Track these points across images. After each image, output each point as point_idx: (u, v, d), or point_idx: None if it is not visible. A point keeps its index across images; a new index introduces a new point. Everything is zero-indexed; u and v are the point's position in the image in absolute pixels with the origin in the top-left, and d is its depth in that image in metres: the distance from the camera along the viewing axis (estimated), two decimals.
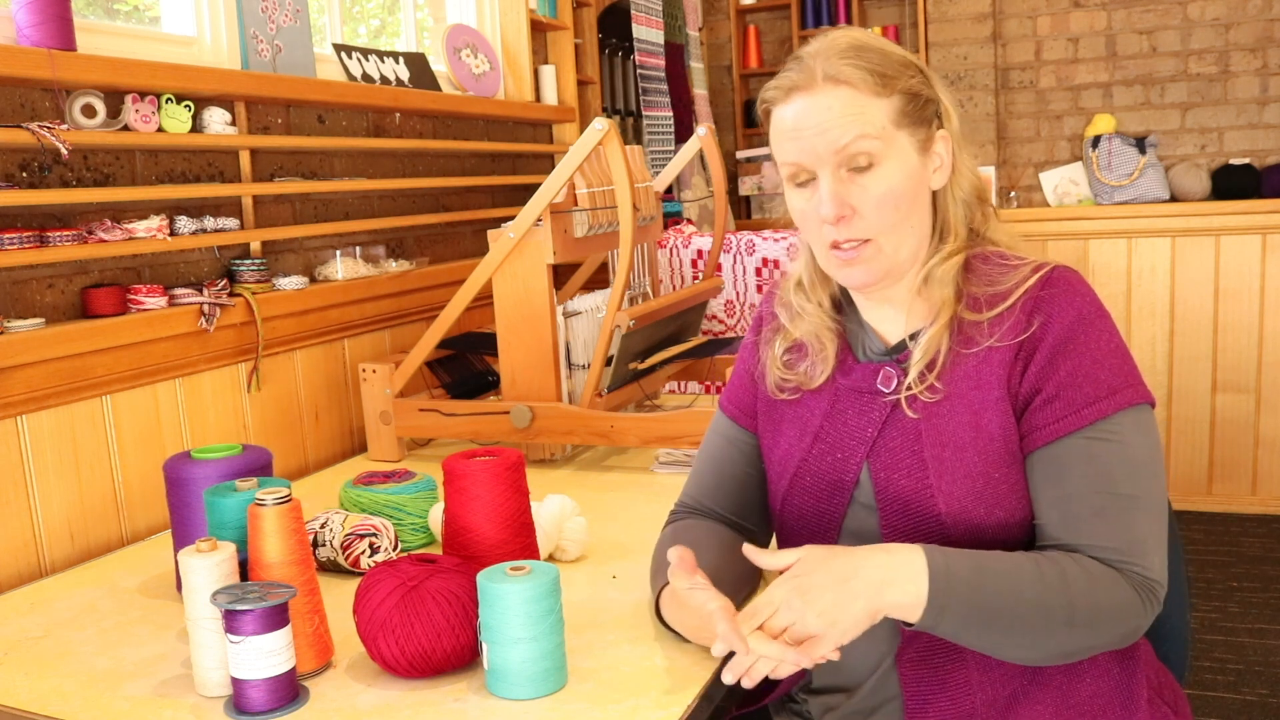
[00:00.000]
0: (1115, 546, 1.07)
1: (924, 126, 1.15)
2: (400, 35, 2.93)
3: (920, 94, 1.15)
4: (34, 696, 1.16)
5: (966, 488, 1.11)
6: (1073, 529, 1.09)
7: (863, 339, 1.23)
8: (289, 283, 2.05)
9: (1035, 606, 1.04)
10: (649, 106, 3.77)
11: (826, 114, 1.11)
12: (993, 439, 1.11)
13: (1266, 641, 2.97)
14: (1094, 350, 1.10)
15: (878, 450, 1.18)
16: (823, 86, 1.12)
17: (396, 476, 1.64)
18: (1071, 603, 1.04)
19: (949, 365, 1.14)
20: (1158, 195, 4.09)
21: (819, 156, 1.12)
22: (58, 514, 1.64)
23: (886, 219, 1.13)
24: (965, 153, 1.19)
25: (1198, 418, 4.02)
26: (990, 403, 1.11)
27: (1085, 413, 1.08)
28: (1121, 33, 4.20)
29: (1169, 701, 1.21)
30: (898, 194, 1.13)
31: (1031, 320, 1.11)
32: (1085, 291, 1.13)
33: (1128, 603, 1.06)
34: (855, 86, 1.11)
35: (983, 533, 1.11)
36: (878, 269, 1.15)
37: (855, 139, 1.10)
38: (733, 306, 2.88)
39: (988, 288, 1.15)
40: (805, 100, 1.13)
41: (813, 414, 1.24)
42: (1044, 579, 1.04)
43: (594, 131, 1.84)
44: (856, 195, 1.12)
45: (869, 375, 1.20)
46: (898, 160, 1.13)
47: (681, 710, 1.06)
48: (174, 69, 1.80)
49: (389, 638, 1.12)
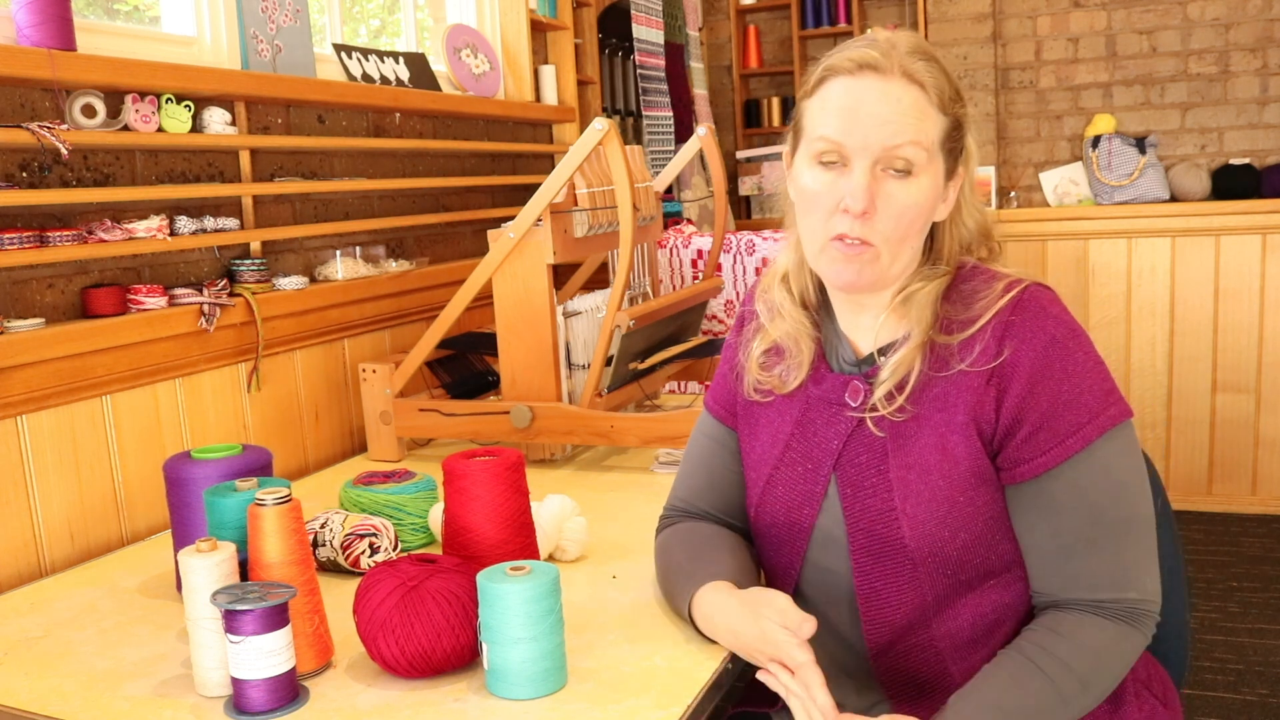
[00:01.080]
0: (1109, 577, 1.09)
1: (954, 158, 1.14)
2: (400, 35, 2.93)
3: (963, 127, 1.14)
4: (34, 696, 1.16)
5: (931, 512, 1.11)
6: (1066, 563, 1.10)
7: (837, 348, 1.23)
8: (289, 283, 2.05)
9: (1056, 708, 1.05)
10: (649, 106, 3.77)
11: (894, 106, 1.08)
12: (958, 462, 1.11)
13: (1266, 641, 2.97)
14: (1070, 375, 1.09)
15: (844, 465, 1.17)
16: (899, 78, 1.09)
17: (396, 476, 1.64)
18: (1084, 683, 1.06)
19: (919, 387, 1.13)
20: (1158, 195, 4.09)
21: (867, 144, 1.08)
22: (58, 514, 1.64)
23: (899, 230, 1.11)
24: (975, 192, 1.18)
25: (1198, 418, 4.02)
26: (957, 426, 1.11)
27: (1070, 443, 1.08)
28: (1121, 33, 4.20)
29: (1157, 694, 1.21)
30: (918, 210, 1.11)
31: (1002, 347, 1.09)
32: (1056, 313, 1.11)
33: (1125, 644, 1.09)
34: (927, 93, 1.09)
35: (946, 556, 1.11)
36: (868, 275, 1.13)
37: (909, 142, 1.08)
38: (733, 306, 2.87)
39: (961, 309, 1.13)
40: (876, 83, 1.09)
41: (785, 420, 1.24)
42: (1054, 682, 1.05)
43: (594, 131, 1.84)
44: (883, 197, 1.10)
45: (838, 387, 1.20)
46: (930, 178, 1.11)
47: (681, 710, 1.06)
48: (174, 69, 1.80)
49: (389, 638, 1.12)
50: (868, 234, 1.10)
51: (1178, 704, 1.25)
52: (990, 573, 1.13)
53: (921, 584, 1.13)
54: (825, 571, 1.20)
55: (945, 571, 1.12)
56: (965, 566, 1.12)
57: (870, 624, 1.17)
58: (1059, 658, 1.06)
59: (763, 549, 1.28)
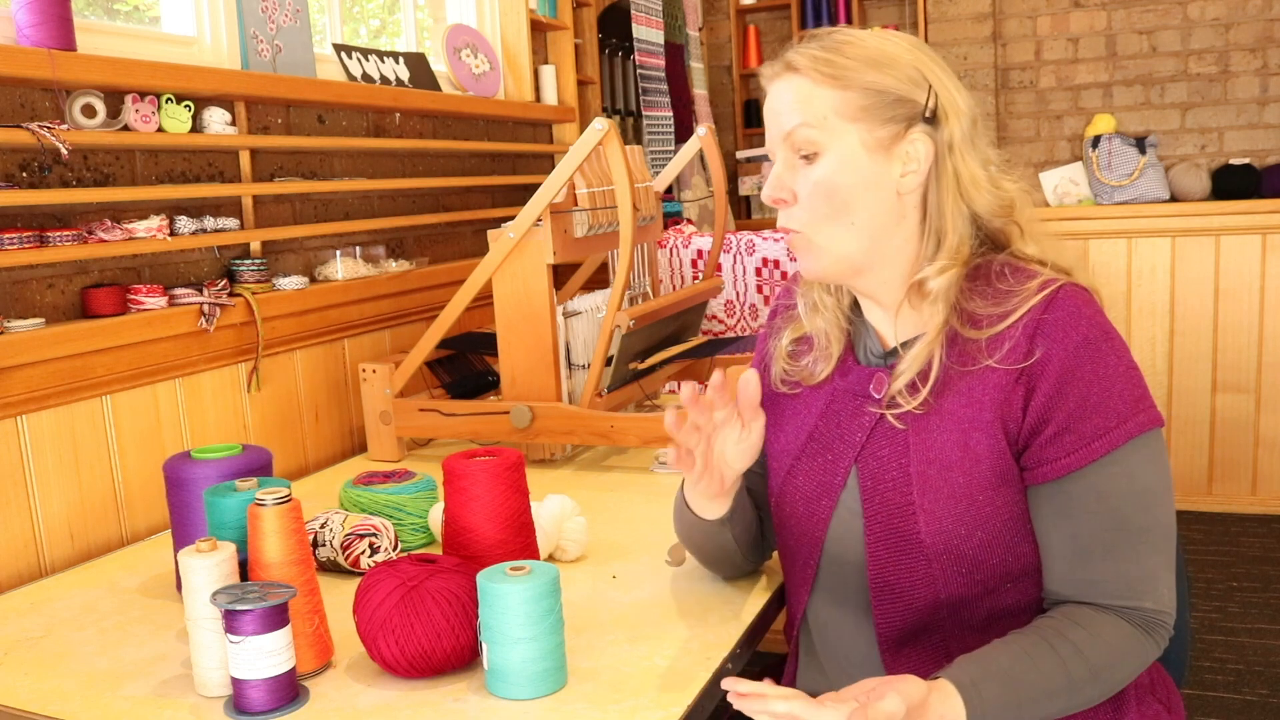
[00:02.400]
0: (1126, 584, 1.08)
1: (889, 125, 1.12)
2: (400, 35, 2.93)
3: (888, 91, 1.11)
4: (34, 696, 1.16)
5: (949, 508, 1.11)
6: (1082, 567, 1.09)
7: (865, 341, 1.23)
8: (289, 283, 2.05)
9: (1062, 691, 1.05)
10: (649, 106, 3.76)
11: (780, 100, 1.16)
12: (980, 460, 1.10)
13: (1266, 641, 2.97)
14: (1101, 378, 1.07)
15: (866, 457, 1.17)
16: (783, 73, 1.17)
17: (396, 476, 1.64)
18: (1094, 673, 1.05)
19: (942, 381, 1.12)
20: (1158, 195, 4.08)
21: (772, 140, 1.17)
22: (58, 514, 1.64)
23: (818, 211, 1.13)
24: (975, 163, 1.14)
25: (1198, 418, 4.02)
26: (982, 424, 1.10)
27: (1095, 446, 1.06)
28: (1121, 33, 4.20)
29: (1161, 699, 1.21)
30: (830, 187, 1.12)
31: (1033, 346, 1.08)
32: (1091, 314, 1.09)
33: (1138, 647, 1.08)
34: (806, 75, 1.14)
35: (963, 554, 1.11)
36: (815, 263, 1.17)
37: (797, 126, 1.13)
38: (733, 306, 2.87)
39: (990, 305, 1.11)
40: (771, 86, 1.18)
41: (810, 411, 1.24)
42: (1065, 664, 1.04)
43: (594, 131, 1.84)
44: (800, 183, 1.15)
45: (864, 379, 1.20)
46: (840, 153, 1.12)
47: (681, 710, 1.06)
48: (174, 69, 1.80)
49: (389, 638, 1.12)
50: (789, 221, 1.16)
51: (1181, 709, 1.25)
52: (1008, 576, 1.12)
53: (936, 581, 1.12)
54: (842, 564, 1.20)
55: (961, 570, 1.11)
56: (982, 567, 1.11)
57: (882, 617, 1.16)
58: (1073, 642, 1.05)
59: (782, 539, 1.28)
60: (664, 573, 1.41)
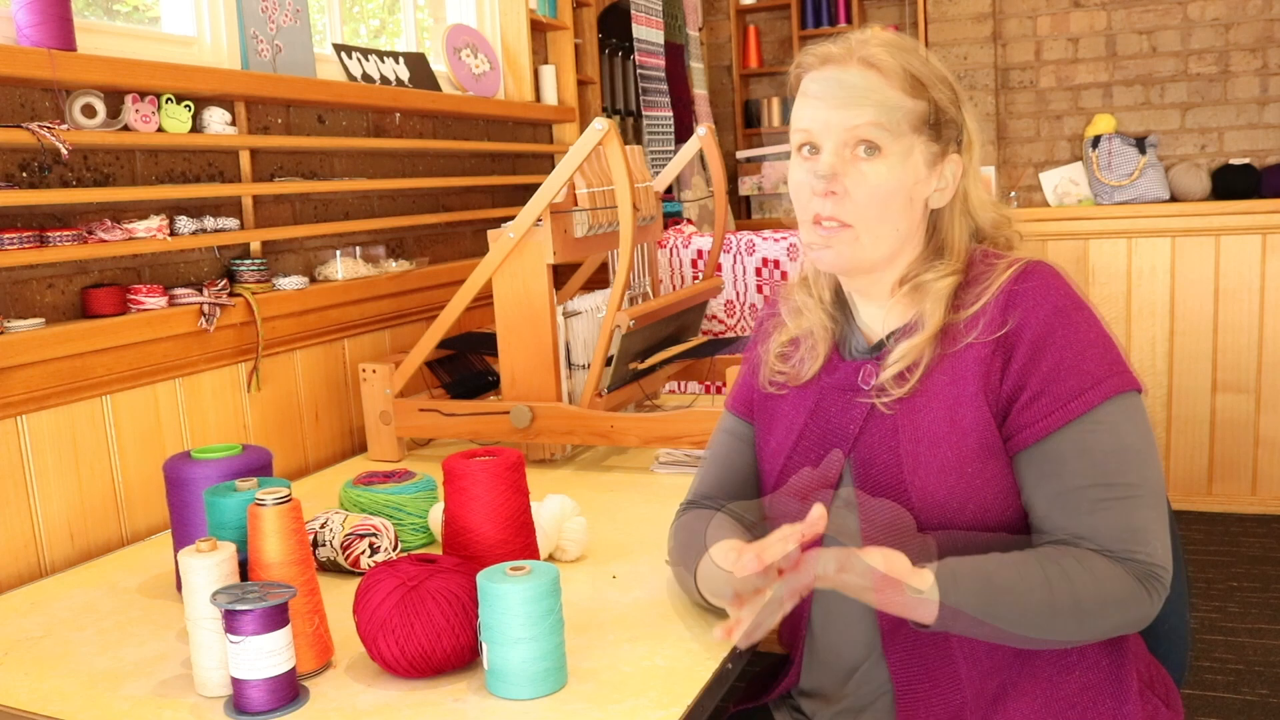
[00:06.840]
0: (1117, 537, 1.07)
1: (940, 143, 1.16)
2: (400, 35, 2.93)
3: (947, 111, 1.16)
4: (34, 696, 1.16)
5: (940, 482, 1.12)
6: (1073, 523, 1.09)
7: (851, 339, 1.25)
8: (289, 283, 2.05)
9: (1042, 610, 1.04)
10: (649, 106, 3.77)
11: (851, 91, 1.13)
12: (967, 434, 1.11)
13: (1266, 641, 2.97)
14: (1074, 342, 1.10)
15: (859, 447, 1.19)
16: (856, 65, 1.14)
17: (396, 476, 1.64)
18: (1077, 601, 1.05)
19: (929, 366, 1.15)
20: (1158, 195, 4.08)
21: (830, 128, 1.14)
22: (58, 514, 1.64)
23: (872, 211, 1.14)
24: (979, 184, 1.20)
25: (1198, 418, 4.01)
26: (966, 398, 1.12)
27: (1072, 406, 1.08)
28: (1121, 33, 4.20)
29: (1160, 695, 1.21)
30: (889, 192, 1.14)
31: (1007, 316, 1.11)
32: (1060, 285, 1.13)
33: (1131, 594, 1.06)
34: (886, 76, 1.13)
35: (957, 528, 1.12)
36: (848, 258, 1.16)
37: (869, 123, 1.12)
38: (733, 306, 2.88)
39: (967, 290, 1.16)
40: (835, 72, 1.14)
41: (799, 411, 1.25)
42: (1049, 582, 1.04)
43: (594, 131, 1.84)
44: (853, 177, 1.14)
45: (851, 373, 1.22)
46: (901, 159, 1.14)
47: (681, 710, 1.06)
48: (174, 69, 1.80)
49: (389, 638, 1.12)
50: (841, 213, 1.14)
51: (1180, 705, 1.25)
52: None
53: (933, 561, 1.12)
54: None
55: (956, 549, 1.11)
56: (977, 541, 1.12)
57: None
58: (1062, 567, 1.05)
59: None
60: (664, 573, 1.41)
